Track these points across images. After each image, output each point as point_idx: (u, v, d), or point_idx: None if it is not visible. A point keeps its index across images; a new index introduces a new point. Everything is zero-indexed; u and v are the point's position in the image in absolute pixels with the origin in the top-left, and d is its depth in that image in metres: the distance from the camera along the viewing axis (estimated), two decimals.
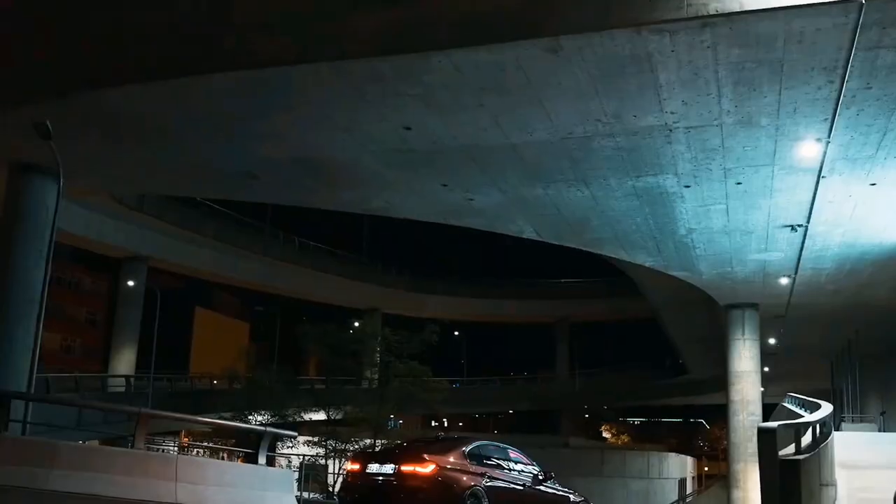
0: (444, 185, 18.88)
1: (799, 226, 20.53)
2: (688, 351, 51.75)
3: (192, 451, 32.62)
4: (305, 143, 17.14)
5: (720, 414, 79.29)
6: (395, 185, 19.16)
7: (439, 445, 12.77)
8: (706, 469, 79.63)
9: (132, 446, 12.87)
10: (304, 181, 19.77)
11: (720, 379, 42.99)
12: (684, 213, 19.93)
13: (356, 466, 12.12)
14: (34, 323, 18.27)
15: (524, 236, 22.65)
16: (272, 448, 31.06)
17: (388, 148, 16.80)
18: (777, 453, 7.72)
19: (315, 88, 14.48)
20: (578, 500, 13.20)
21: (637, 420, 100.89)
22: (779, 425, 8.97)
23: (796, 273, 24.91)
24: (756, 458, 27.94)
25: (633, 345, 75.43)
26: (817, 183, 17.64)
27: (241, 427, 18.66)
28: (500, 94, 14.13)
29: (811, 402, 22.25)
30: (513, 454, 12.87)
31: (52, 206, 19.64)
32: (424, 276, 62.58)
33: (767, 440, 7.55)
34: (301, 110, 15.50)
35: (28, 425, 18.47)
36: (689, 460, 57.60)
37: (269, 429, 15.12)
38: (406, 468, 11.40)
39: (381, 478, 11.56)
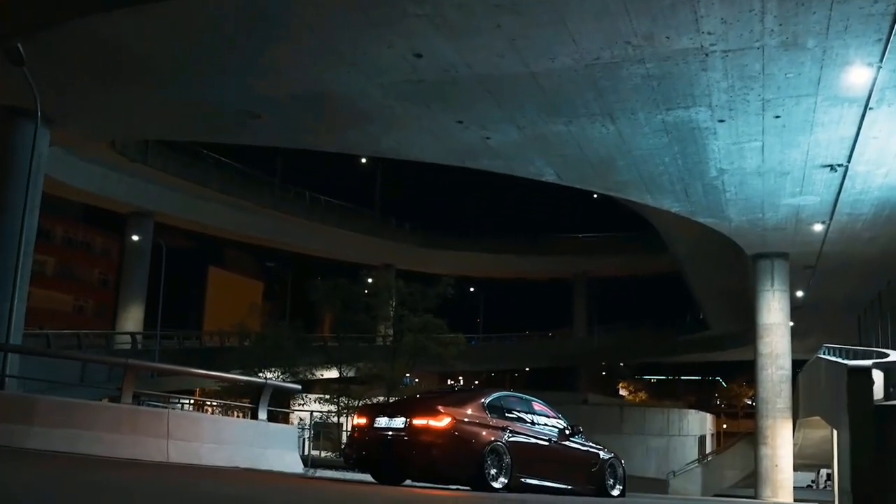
0: (459, 122, 17.63)
1: (839, 165, 19.25)
2: (709, 306, 50.57)
3: (204, 409, 31.76)
4: (307, 76, 15.91)
5: (739, 371, 78.59)
6: (404, 122, 17.90)
7: (455, 397, 11.63)
8: (724, 426, 78.99)
9: (120, 401, 11.83)
10: (307, 120, 18.56)
11: (742, 335, 41.89)
12: (716, 152, 18.65)
13: (363, 420, 10.95)
14: (26, 273, 17.48)
15: (544, 179, 21.36)
16: (284, 405, 30.43)
17: (396, 79, 15.55)
18: (872, 398, 6.51)
19: (315, 10, 13.18)
20: (608, 456, 12.06)
21: (654, 378, 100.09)
22: (873, 363, 7.75)
23: (831, 219, 23.62)
24: (786, 414, 27.63)
25: (653, 301, 74.13)
26: (863, 115, 16.36)
27: (239, 379, 17.68)
28: (517, 12, 12.84)
29: (876, 351, 20.27)
30: (537, 406, 11.70)
31: (44, 154, 18.70)
32: (438, 232, 61.43)
33: (860, 383, 6.35)
34: (301, 38, 14.26)
35: (27, 382, 17.80)
36: (709, 417, 56.87)
37: (269, 381, 14.09)
38: (418, 422, 10.22)
39: (390, 433, 10.40)
